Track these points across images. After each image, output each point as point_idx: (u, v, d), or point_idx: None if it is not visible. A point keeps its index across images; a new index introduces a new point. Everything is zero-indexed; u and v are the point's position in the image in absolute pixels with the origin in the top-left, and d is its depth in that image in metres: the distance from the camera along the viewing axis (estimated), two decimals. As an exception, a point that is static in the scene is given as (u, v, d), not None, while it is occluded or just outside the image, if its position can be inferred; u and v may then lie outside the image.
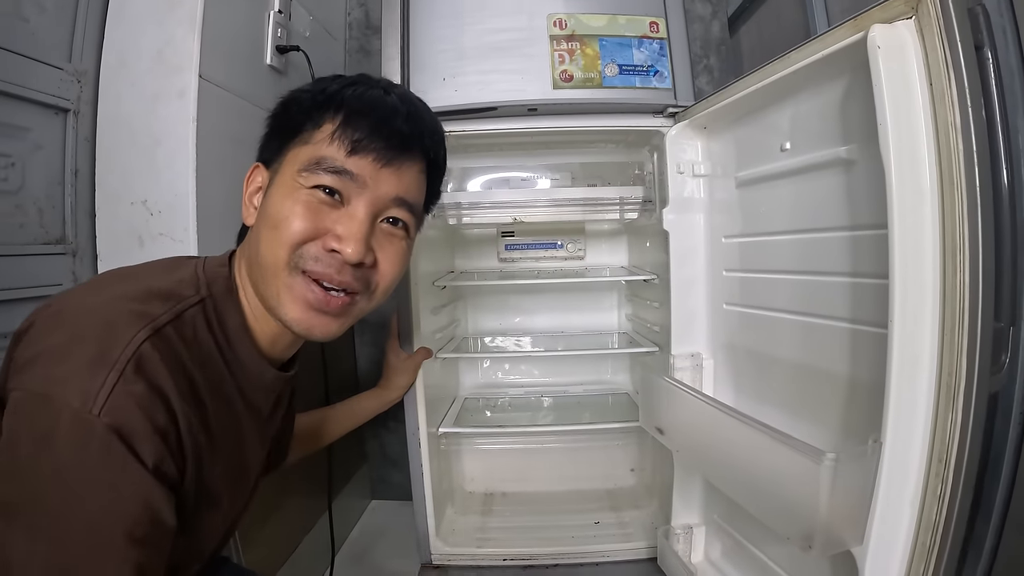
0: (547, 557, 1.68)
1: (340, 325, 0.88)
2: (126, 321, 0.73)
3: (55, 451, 0.64)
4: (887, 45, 0.81)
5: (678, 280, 1.51)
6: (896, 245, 0.80)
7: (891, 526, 0.85)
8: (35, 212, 1.35)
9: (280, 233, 0.83)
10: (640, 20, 1.53)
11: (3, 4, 1.24)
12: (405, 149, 0.89)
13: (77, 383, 0.66)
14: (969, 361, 0.77)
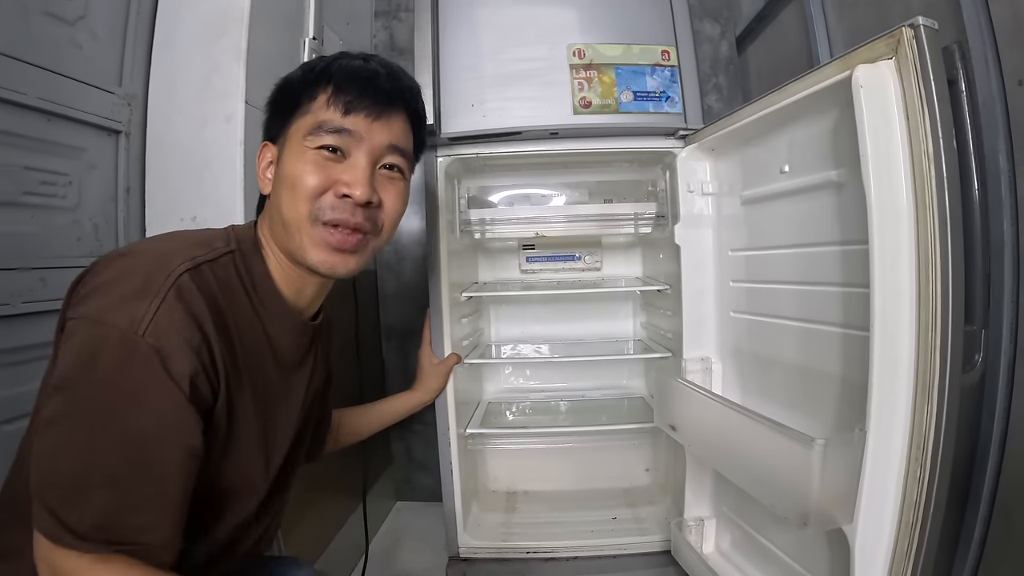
0: (567, 550, 1.78)
1: (358, 261, 1.01)
2: (167, 259, 0.85)
3: (103, 366, 0.76)
4: (869, 84, 0.92)
5: (689, 290, 1.62)
6: (876, 259, 0.91)
7: (878, 505, 0.95)
8: (91, 227, 1.45)
9: (297, 191, 0.96)
10: (653, 49, 1.65)
11: (60, 32, 1.34)
12: (390, 104, 1.01)
13: (125, 309, 0.78)
14: (942, 360, 0.88)
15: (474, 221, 1.90)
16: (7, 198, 1.24)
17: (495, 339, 2.33)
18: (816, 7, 1.98)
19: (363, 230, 0.99)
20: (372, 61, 1.04)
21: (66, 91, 1.35)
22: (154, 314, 0.78)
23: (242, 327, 0.94)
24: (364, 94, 0.99)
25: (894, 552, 0.96)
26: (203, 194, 1.55)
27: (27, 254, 1.28)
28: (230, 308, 0.92)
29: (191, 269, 0.85)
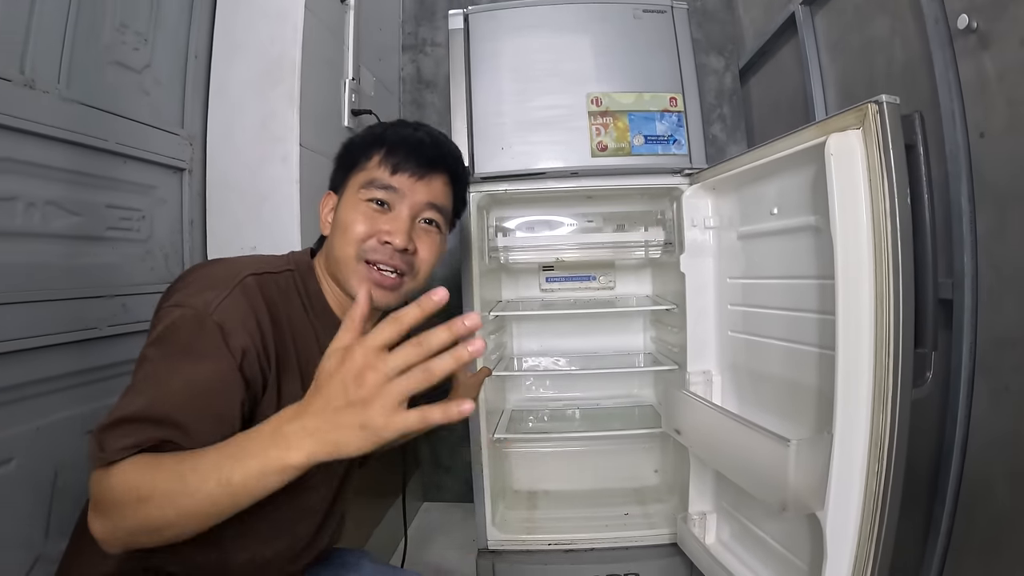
0: (585, 542, 1.96)
1: (395, 298, 1.14)
2: (238, 268, 1.03)
3: (181, 334, 0.93)
4: (838, 151, 1.12)
5: (692, 312, 1.81)
6: (840, 294, 1.11)
7: (844, 495, 1.14)
8: (162, 256, 1.61)
9: (348, 235, 1.11)
10: (662, 96, 1.85)
11: (130, 80, 1.50)
12: (431, 167, 1.16)
13: (201, 296, 0.95)
14: (894, 377, 1.08)
15: (501, 248, 2.08)
16: (94, 233, 1.38)
17: (517, 353, 2.49)
18: (811, 49, 2.13)
19: (400, 271, 1.13)
20: (421, 130, 1.21)
21: (138, 134, 1.51)
22: (221, 301, 0.96)
23: (296, 329, 1.10)
24: (410, 157, 1.15)
25: (859, 533, 1.15)
26: (262, 226, 1.72)
27: (110, 283, 1.42)
28: (286, 311, 1.08)
29: (255, 275, 1.04)
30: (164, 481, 0.81)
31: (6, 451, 1.13)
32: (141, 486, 0.82)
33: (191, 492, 0.80)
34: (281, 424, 0.79)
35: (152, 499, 0.81)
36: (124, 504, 0.83)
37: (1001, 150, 1.35)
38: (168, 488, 0.81)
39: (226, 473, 0.79)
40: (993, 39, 1.34)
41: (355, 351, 0.75)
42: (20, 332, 1.16)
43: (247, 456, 0.79)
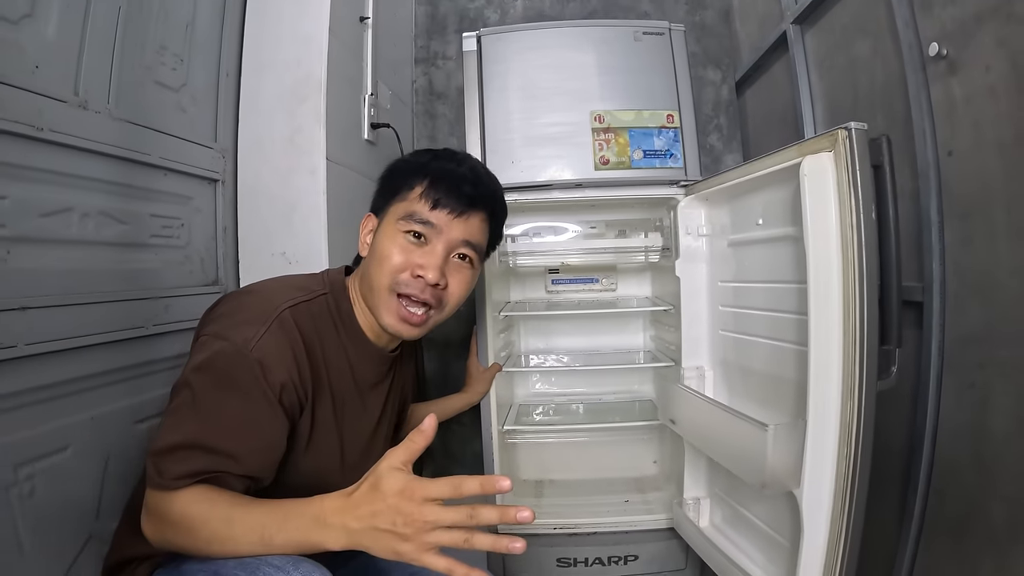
0: (587, 526, 2.09)
1: (420, 331, 1.21)
2: (275, 297, 1.11)
3: (221, 368, 1.01)
4: (811, 171, 1.26)
5: (687, 313, 1.93)
6: (812, 297, 1.25)
7: (818, 474, 1.27)
8: (199, 261, 1.73)
9: (383, 266, 1.17)
10: (660, 113, 1.99)
11: (168, 99, 1.61)
12: (470, 206, 1.20)
13: (242, 331, 1.03)
14: (860, 371, 1.21)
15: (510, 252, 2.22)
16: (139, 240, 1.50)
17: (524, 350, 2.61)
18: (801, 65, 2.25)
19: (429, 305, 1.18)
20: (464, 165, 1.25)
21: (176, 149, 1.62)
22: (261, 337, 1.03)
23: (329, 352, 1.17)
24: (451, 194, 1.18)
25: (832, 509, 1.27)
26: (292, 233, 1.84)
27: (154, 286, 1.53)
28: (320, 338, 1.16)
29: (291, 307, 1.11)
30: (214, 522, 0.93)
31: (63, 439, 1.22)
32: (194, 520, 0.94)
33: (234, 539, 0.92)
34: (326, 514, 0.89)
35: (199, 533, 0.94)
36: (175, 527, 0.95)
37: (967, 167, 1.47)
38: (215, 531, 0.93)
39: (269, 535, 0.91)
40: (961, 65, 1.46)
41: (415, 494, 0.83)
42: (76, 331, 1.26)
43: (289, 530, 0.91)
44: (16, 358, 1.11)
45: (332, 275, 1.28)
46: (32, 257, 1.18)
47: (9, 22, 1.12)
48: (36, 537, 1.14)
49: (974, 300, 1.47)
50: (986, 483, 1.43)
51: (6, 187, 1.12)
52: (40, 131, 1.18)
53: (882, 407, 1.65)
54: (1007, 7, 1.30)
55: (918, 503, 1.61)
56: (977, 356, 1.46)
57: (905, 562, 1.65)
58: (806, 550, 1.31)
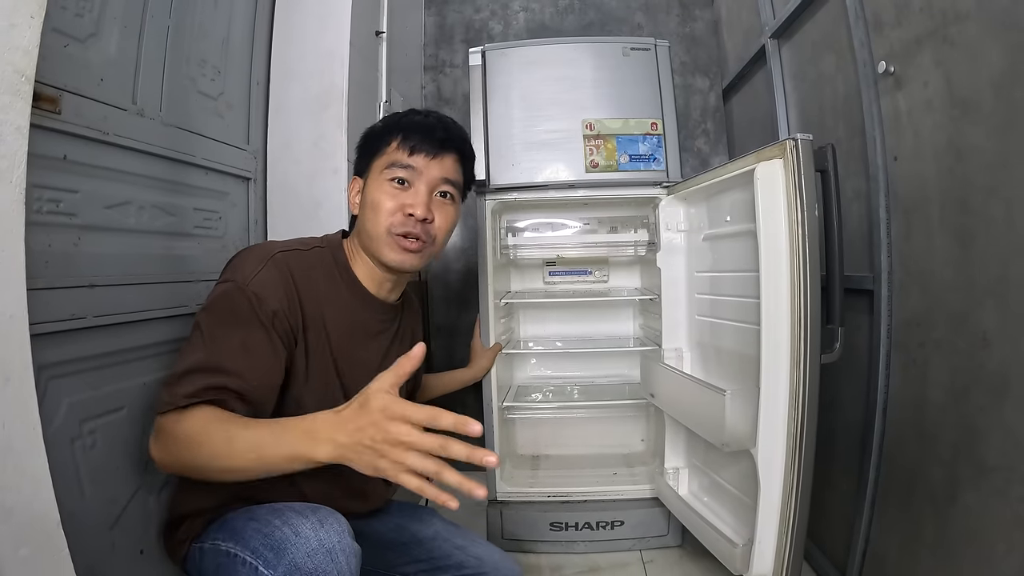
0: (579, 495, 2.28)
1: (419, 259, 1.33)
2: (271, 248, 1.26)
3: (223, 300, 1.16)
4: (764, 176, 1.45)
5: (667, 300, 2.13)
6: (763, 281, 1.45)
7: (770, 434, 1.47)
8: (233, 250, 1.76)
9: (378, 212, 1.30)
10: (644, 121, 2.19)
11: (209, 106, 1.76)
12: (442, 147, 1.33)
13: (241, 271, 1.19)
14: (805, 346, 1.41)
15: (511, 246, 2.40)
16: (184, 230, 1.64)
17: (523, 336, 2.79)
18: (777, 76, 2.41)
19: (422, 238, 1.31)
20: (431, 116, 1.38)
21: (215, 151, 1.76)
22: (256, 274, 1.18)
23: (323, 292, 1.30)
24: (424, 140, 1.31)
25: (784, 465, 1.46)
26: (316, 226, 1.91)
27: (196, 270, 1.66)
28: (313, 280, 1.28)
29: (285, 251, 1.26)
30: (215, 438, 1.01)
31: (119, 400, 1.34)
32: (197, 435, 1.02)
33: (232, 456, 1.00)
34: (316, 427, 0.96)
35: (201, 449, 1.02)
36: (179, 443, 1.04)
37: (908, 171, 1.64)
38: (215, 447, 1.01)
39: (263, 451, 0.99)
40: (905, 81, 1.62)
41: (396, 414, 0.88)
42: (133, 307, 1.40)
43: (282, 443, 0.98)
44: (86, 328, 1.25)
45: (330, 236, 1.43)
46: (98, 242, 1.32)
47: (78, 41, 1.28)
48: (94, 485, 1.25)
49: (914, 287, 1.63)
50: (927, 449, 1.58)
51: (78, 183, 1.27)
52: (106, 135, 1.33)
53: (839, 384, 1.85)
54: (943, 30, 1.47)
55: (871, 471, 1.77)
56: (918, 337, 1.62)
57: (862, 526, 1.80)
58: (763, 501, 1.50)
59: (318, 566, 0.96)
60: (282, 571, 0.96)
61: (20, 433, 0.93)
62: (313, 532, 0.99)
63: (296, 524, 1.00)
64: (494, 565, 1.48)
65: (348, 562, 0.99)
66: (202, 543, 1.17)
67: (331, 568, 0.97)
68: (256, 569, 0.99)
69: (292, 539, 0.98)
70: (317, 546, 0.97)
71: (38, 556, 0.95)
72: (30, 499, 0.94)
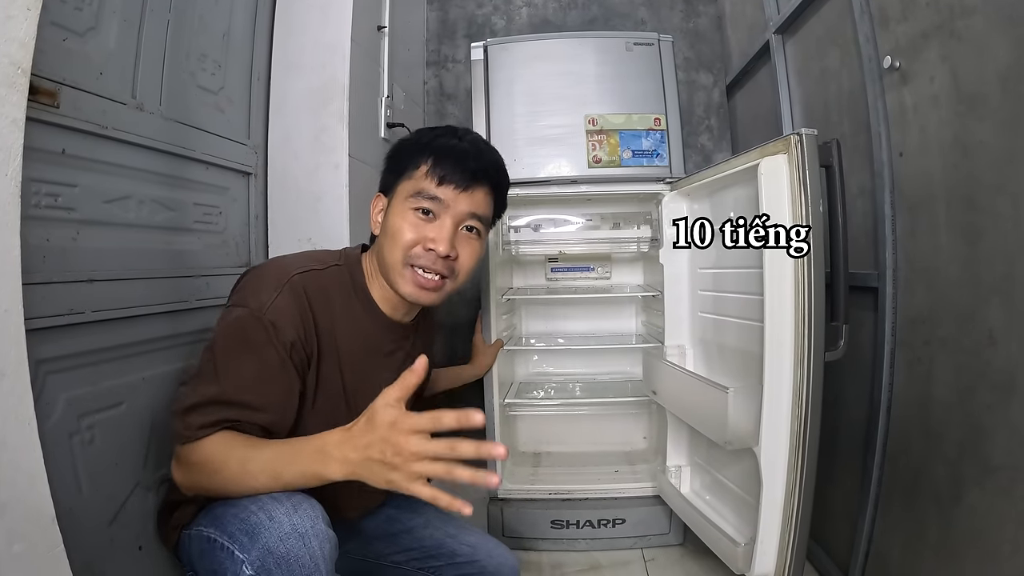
0: (580, 492, 2.27)
1: (436, 297, 1.28)
2: (287, 268, 1.21)
3: (238, 328, 1.13)
4: (768, 172, 1.44)
5: (669, 296, 2.11)
6: (767, 278, 1.44)
7: (774, 432, 1.46)
8: (234, 245, 1.88)
9: (396, 241, 1.24)
10: (647, 116, 2.18)
11: (209, 100, 1.76)
12: (474, 180, 1.26)
13: (257, 297, 1.15)
14: (809, 344, 1.40)
15: (513, 242, 2.40)
16: (184, 225, 1.64)
17: (525, 333, 2.78)
18: (781, 72, 2.38)
19: (443, 275, 1.26)
20: (465, 140, 1.30)
21: (215, 145, 1.76)
22: (273, 301, 1.15)
23: (339, 317, 1.27)
24: (455, 170, 1.24)
25: (787, 463, 1.45)
26: (317, 221, 2.01)
27: (197, 265, 1.67)
28: (329, 303, 1.25)
29: (302, 274, 1.21)
30: (232, 463, 1.05)
31: (118, 396, 1.34)
32: (215, 462, 1.06)
33: (247, 479, 1.04)
34: (327, 446, 0.99)
35: (220, 474, 1.06)
36: (200, 470, 1.08)
37: (914, 167, 1.62)
38: (233, 471, 1.05)
39: (278, 472, 1.03)
40: (910, 77, 1.61)
41: (403, 427, 0.92)
42: (132, 302, 1.40)
43: (296, 464, 1.02)
44: (84, 323, 1.26)
45: (348, 251, 1.38)
46: (97, 237, 1.33)
47: (77, 35, 1.28)
48: (93, 481, 1.26)
49: (920, 284, 1.62)
50: (932, 448, 1.56)
51: (77, 177, 1.27)
52: (105, 129, 1.33)
53: (843, 382, 1.84)
54: (949, 25, 1.45)
55: (875, 469, 1.75)
56: (923, 334, 1.60)
57: (865, 525, 1.78)
58: (765, 500, 1.50)
59: (290, 550, 0.98)
60: (256, 555, 0.98)
61: (15, 428, 0.93)
62: (286, 517, 1.00)
63: (270, 509, 1.01)
64: (487, 552, 1.49)
65: (321, 547, 1.01)
66: (190, 530, 1.19)
67: (303, 552, 0.98)
68: (232, 553, 1.01)
69: (266, 523, 1.00)
70: (290, 530, 0.99)
71: (33, 552, 0.95)
72: (25, 495, 0.94)
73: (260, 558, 0.98)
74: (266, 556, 0.98)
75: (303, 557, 0.98)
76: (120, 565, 1.32)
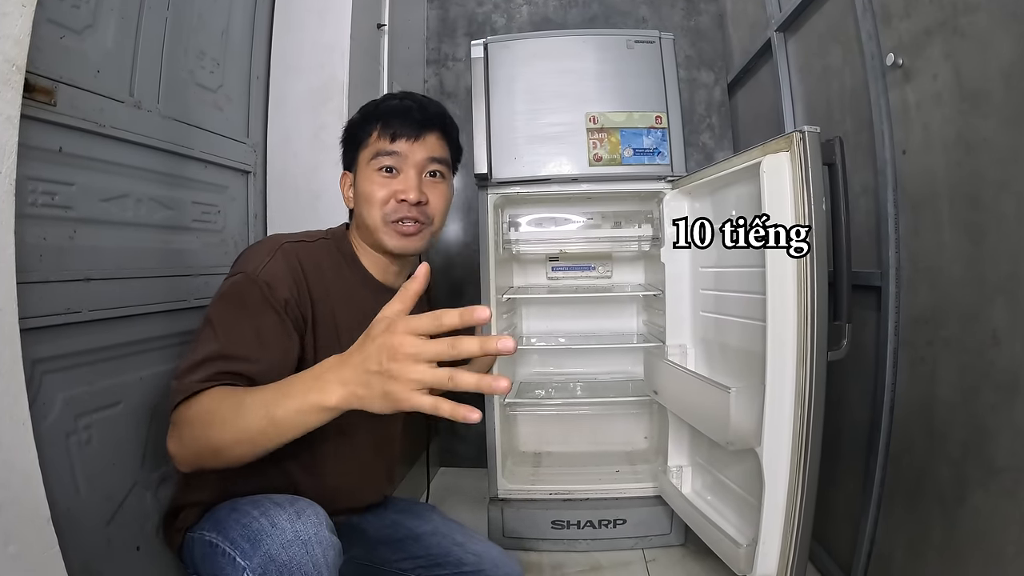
0: (581, 492, 2.27)
1: (420, 241, 1.34)
2: (279, 240, 1.26)
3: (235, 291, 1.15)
4: (770, 169, 1.43)
5: (671, 295, 2.11)
6: (769, 277, 1.42)
7: (776, 433, 1.45)
8: (232, 244, 1.86)
9: (371, 202, 1.30)
10: (649, 114, 2.17)
11: (208, 98, 1.74)
12: (423, 128, 1.32)
13: (251, 263, 1.18)
14: (811, 343, 1.39)
15: (513, 240, 2.40)
16: (183, 224, 1.63)
17: (526, 332, 2.77)
18: (783, 70, 2.38)
19: (419, 220, 1.32)
20: (407, 99, 1.37)
21: (214, 143, 1.75)
22: (265, 265, 1.18)
23: (331, 284, 1.30)
24: (404, 124, 1.31)
25: (790, 464, 1.45)
26: (316, 219, 1.90)
27: (195, 265, 1.66)
28: (321, 270, 1.28)
29: (292, 243, 1.26)
30: (225, 409, 0.98)
31: (116, 395, 1.33)
32: (209, 411, 1.00)
33: (244, 419, 0.95)
34: (323, 371, 0.90)
35: (214, 423, 0.98)
36: (194, 425, 1.01)
37: (917, 165, 1.62)
38: (227, 415, 0.97)
39: (272, 408, 0.93)
40: (913, 74, 1.60)
41: (397, 328, 0.81)
42: (130, 301, 1.39)
43: (290, 396, 0.92)
44: (81, 322, 1.25)
45: (334, 228, 1.44)
46: (94, 236, 1.32)
47: (75, 32, 1.27)
48: (90, 481, 1.25)
49: (923, 284, 1.61)
50: (935, 448, 1.55)
51: (73, 175, 1.26)
52: (102, 127, 1.32)
53: (846, 382, 1.83)
54: (952, 21, 1.44)
55: (878, 470, 1.75)
56: (926, 334, 1.60)
57: (868, 526, 1.78)
58: (767, 501, 1.49)
59: (292, 557, 0.97)
60: (258, 562, 0.97)
61: (9, 429, 0.92)
62: (289, 523, 0.99)
63: (273, 515, 1.01)
64: (493, 562, 1.47)
65: (324, 554, 0.99)
66: (193, 533, 1.18)
67: (306, 560, 0.97)
68: (234, 560, 1.00)
69: (268, 530, 0.99)
70: (293, 537, 0.98)
71: (27, 553, 0.94)
72: (20, 496, 0.94)
73: (262, 565, 0.96)
74: (268, 564, 0.96)
75: (306, 565, 0.97)
76: (118, 565, 1.31)
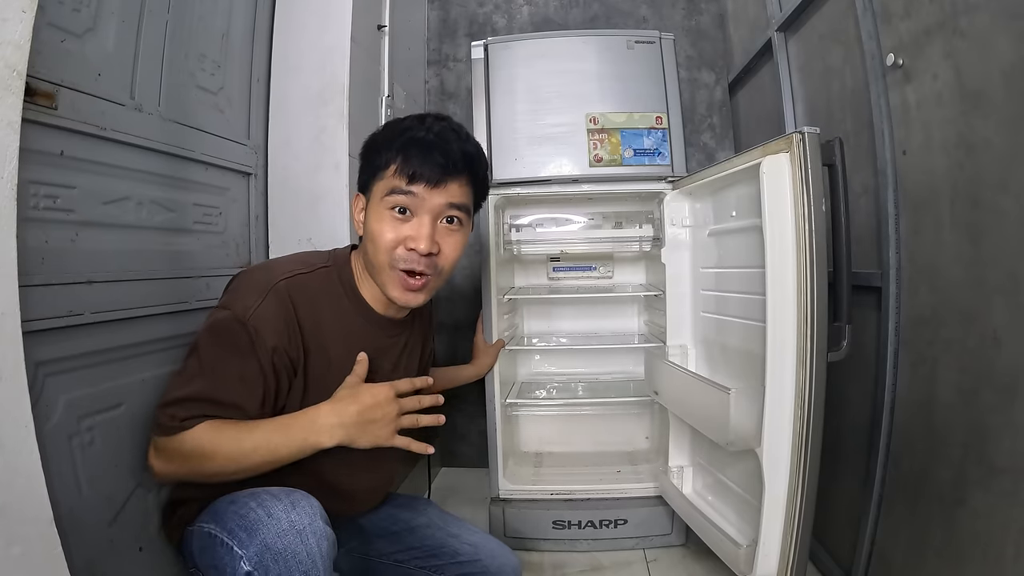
0: (582, 493, 2.27)
1: (424, 296, 1.31)
2: (274, 273, 1.25)
3: (223, 334, 1.17)
4: (770, 170, 1.43)
5: (672, 296, 2.11)
6: (769, 278, 1.42)
7: (776, 433, 1.45)
8: (234, 246, 1.87)
9: (378, 244, 1.26)
10: (649, 115, 2.17)
11: (209, 100, 1.75)
12: (445, 173, 1.24)
13: (241, 302, 1.19)
14: (811, 344, 1.38)
15: (514, 241, 2.40)
16: (184, 226, 1.63)
17: (527, 332, 2.77)
18: (784, 70, 2.36)
19: (427, 274, 1.28)
20: (432, 131, 1.26)
21: (215, 146, 1.75)
22: (257, 307, 1.18)
23: (326, 319, 1.29)
24: (424, 166, 1.23)
25: (790, 465, 1.45)
26: (317, 221, 2.00)
27: (197, 266, 1.66)
28: (315, 306, 1.28)
29: (287, 279, 1.25)
30: (226, 445, 1.13)
31: (118, 397, 1.33)
32: (207, 446, 1.13)
33: (246, 455, 1.14)
34: (318, 417, 1.17)
35: (215, 457, 1.13)
36: (190, 458, 1.14)
37: (917, 165, 1.61)
38: (229, 451, 1.13)
39: (274, 446, 1.15)
40: (914, 74, 1.59)
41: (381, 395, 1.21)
42: (132, 303, 1.39)
43: (290, 437, 1.15)
44: (83, 324, 1.25)
45: (338, 252, 1.40)
46: (96, 239, 1.32)
47: (75, 36, 1.27)
48: (92, 482, 1.25)
49: (923, 284, 1.61)
50: (936, 449, 1.55)
51: (75, 178, 1.26)
52: (103, 130, 1.32)
53: (846, 382, 1.83)
54: (952, 21, 1.44)
55: (878, 471, 1.74)
56: (927, 335, 1.60)
57: (868, 527, 1.78)
58: (768, 502, 1.49)
59: (287, 546, 1.01)
60: (254, 550, 1.01)
61: (12, 431, 0.93)
62: (285, 513, 1.04)
63: (269, 506, 1.05)
64: (490, 553, 1.51)
65: (319, 543, 1.04)
66: (192, 526, 1.21)
67: (300, 548, 1.02)
68: (231, 549, 1.04)
69: (264, 520, 1.03)
70: (288, 527, 1.02)
71: (31, 554, 0.95)
72: (22, 497, 0.94)
73: (258, 554, 1.01)
74: (264, 552, 1.00)
75: (300, 553, 1.01)
76: (121, 566, 1.31)
